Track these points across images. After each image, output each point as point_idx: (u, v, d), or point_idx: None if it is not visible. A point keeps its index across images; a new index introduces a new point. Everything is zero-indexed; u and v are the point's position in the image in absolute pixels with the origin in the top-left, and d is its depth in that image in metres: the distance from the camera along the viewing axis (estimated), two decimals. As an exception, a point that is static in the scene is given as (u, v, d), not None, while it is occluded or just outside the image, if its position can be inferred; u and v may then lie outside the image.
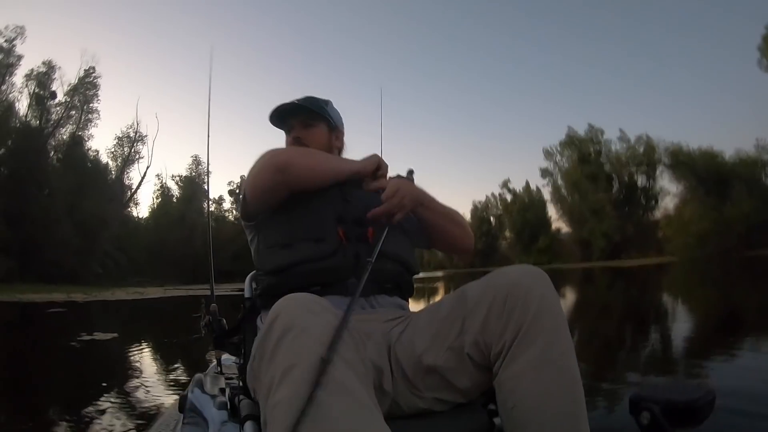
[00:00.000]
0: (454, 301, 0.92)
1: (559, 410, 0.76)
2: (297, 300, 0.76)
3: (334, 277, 1.08)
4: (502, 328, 0.81)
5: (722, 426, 1.76)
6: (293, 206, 1.17)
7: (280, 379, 0.66)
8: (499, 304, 0.82)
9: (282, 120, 1.36)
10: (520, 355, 0.79)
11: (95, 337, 6.38)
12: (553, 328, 0.80)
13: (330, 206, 1.17)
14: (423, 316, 0.98)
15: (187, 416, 1.30)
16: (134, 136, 36.24)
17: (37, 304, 13.52)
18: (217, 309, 1.55)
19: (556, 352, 0.79)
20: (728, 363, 3.23)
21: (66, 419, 2.67)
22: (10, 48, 28.86)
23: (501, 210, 59.76)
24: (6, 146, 28.30)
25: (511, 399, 0.79)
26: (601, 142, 43.09)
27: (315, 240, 1.11)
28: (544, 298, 0.81)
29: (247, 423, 0.89)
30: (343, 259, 1.08)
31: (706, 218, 30.56)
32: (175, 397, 3.12)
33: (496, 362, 0.83)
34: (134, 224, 40.83)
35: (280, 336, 0.70)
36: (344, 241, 1.11)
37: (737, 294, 8.69)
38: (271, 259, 1.14)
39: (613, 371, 3.34)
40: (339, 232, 1.12)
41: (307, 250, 1.09)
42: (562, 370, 0.78)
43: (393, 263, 1.14)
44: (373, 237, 1.14)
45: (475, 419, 0.93)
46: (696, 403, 0.89)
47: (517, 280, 0.84)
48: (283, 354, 0.68)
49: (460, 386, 0.88)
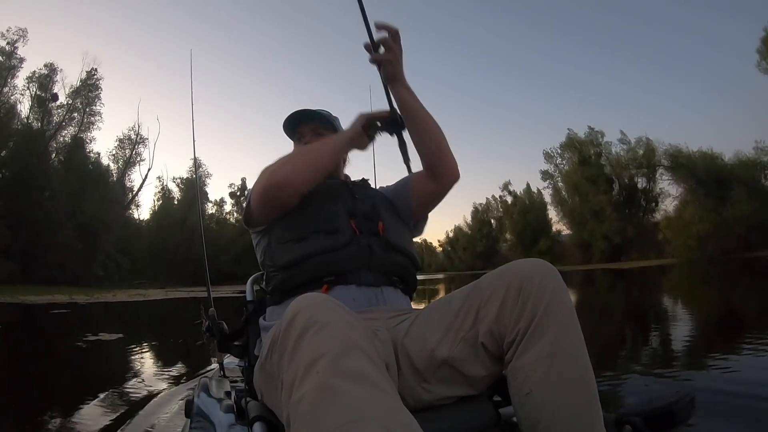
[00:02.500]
0: (468, 293, 0.94)
1: (574, 396, 0.79)
2: (315, 298, 0.78)
3: (348, 268, 1.11)
4: (516, 318, 0.84)
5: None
6: (305, 204, 1.20)
7: (303, 375, 0.66)
8: (513, 294, 0.85)
9: (293, 128, 1.42)
10: (534, 343, 0.82)
11: (101, 337, 6.43)
12: (565, 318, 0.83)
13: (340, 202, 1.22)
14: (434, 310, 0.99)
15: (194, 421, 1.31)
16: (135, 139, 36.30)
17: (40, 306, 13.52)
18: (216, 313, 1.57)
19: (568, 341, 0.82)
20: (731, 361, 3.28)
21: (83, 408, 2.79)
22: (12, 50, 28.97)
23: (502, 212, 59.69)
24: (7, 148, 28.32)
25: (526, 385, 0.81)
26: (601, 144, 42.97)
27: (329, 232, 1.15)
28: (556, 290, 0.84)
29: (256, 424, 0.89)
30: (358, 250, 1.13)
31: (706, 220, 30.50)
32: (183, 383, 3.30)
33: (509, 351, 0.86)
34: (135, 226, 40.83)
35: (302, 332, 0.70)
36: (357, 232, 1.16)
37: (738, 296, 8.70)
38: (285, 253, 1.15)
39: (613, 370, 3.36)
40: (351, 224, 1.17)
41: (322, 242, 1.13)
42: (575, 359, 0.81)
43: (401, 255, 1.20)
44: (383, 231, 1.19)
45: (482, 410, 0.96)
46: (674, 406, 0.94)
47: (530, 272, 0.86)
48: (305, 349, 0.68)
49: (472, 376, 0.91)
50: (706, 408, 2.11)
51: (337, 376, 0.63)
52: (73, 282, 24.97)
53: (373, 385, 0.64)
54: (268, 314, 1.17)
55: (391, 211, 1.30)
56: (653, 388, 2.70)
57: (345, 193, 1.27)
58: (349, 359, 0.65)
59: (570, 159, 44.75)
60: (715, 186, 32.16)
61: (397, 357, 0.94)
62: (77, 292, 19.77)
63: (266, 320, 1.16)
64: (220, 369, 1.76)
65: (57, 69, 31.09)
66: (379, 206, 1.27)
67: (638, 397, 2.30)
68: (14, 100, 29.46)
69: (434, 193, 1.30)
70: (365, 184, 1.41)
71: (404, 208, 1.32)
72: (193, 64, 2.34)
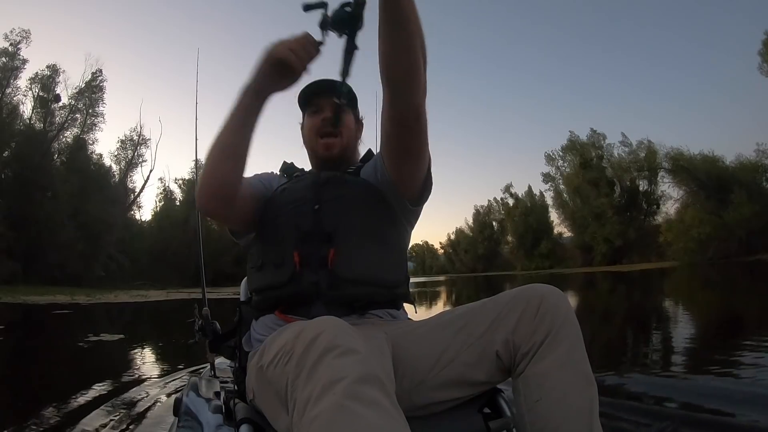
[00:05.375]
0: (483, 304, 0.99)
1: (579, 406, 0.85)
2: (336, 321, 0.78)
3: (294, 304, 1.06)
4: (534, 329, 0.89)
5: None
6: (264, 224, 1.15)
7: (320, 395, 0.65)
8: (532, 309, 0.91)
9: (307, 99, 1.26)
10: (548, 355, 0.88)
11: (102, 338, 6.49)
12: (576, 337, 0.90)
13: (294, 222, 1.10)
14: (439, 317, 1.03)
15: (182, 420, 1.31)
16: (138, 140, 36.22)
17: (42, 306, 13.57)
18: (209, 313, 1.59)
19: (577, 356, 0.88)
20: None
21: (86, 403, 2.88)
22: (15, 51, 29.05)
23: (503, 215, 59.59)
24: (10, 149, 28.35)
25: (537, 393, 0.87)
26: (602, 146, 42.97)
27: (275, 265, 1.07)
28: (569, 311, 0.92)
29: (243, 426, 0.90)
30: (298, 288, 1.04)
31: (707, 223, 30.40)
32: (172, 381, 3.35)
33: (521, 362, 0.91)
34: (137, 227, 40.78)
35: (322, 354, 0.70)
36: (298, 268, 1.04)
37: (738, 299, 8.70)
38: (250, 279, 1.16)
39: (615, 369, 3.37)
40: (295, 257, 1.05)
41: (270, 275, 1.08)
42: (582, 373, 0.87)
43: (360, 286, 1.06)
44: (333, 261, 1.04)
45: (472, 423, 0.98)
46: None
47: (548, 294, 0.93)
48: (323, 371, 0.68)
49: (472, 382, 0.96)
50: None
51: (353, 399, 0.63)
52: (75, 282, 24.96)
53: (386, 413, 0.65)
54: (258, 325, 1.13)
55: (368, 211, 1.13)
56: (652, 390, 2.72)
57: (307, 204, 1.12)
58: (367, 386, 0.66)
59: (571, 162, 44.74)
60: (716, 189, 32.06)
61: (395, 358, 0.96)
62: (79, 292, 19.80)
63: (257, 330, 1.12)
64: (211, 369, 1.77)
65: (59, 70, 31.15)
66: (348, 214, 1.11)
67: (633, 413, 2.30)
68: (17, 101, 29.47)
69: (403, 136, 1.04)
70: (344, 177, 1.19)
71: (389, 188, 1.14)
72: (194, 65, 2.34)
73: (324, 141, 1.21)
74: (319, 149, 1.23)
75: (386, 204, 1.15)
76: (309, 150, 1.28)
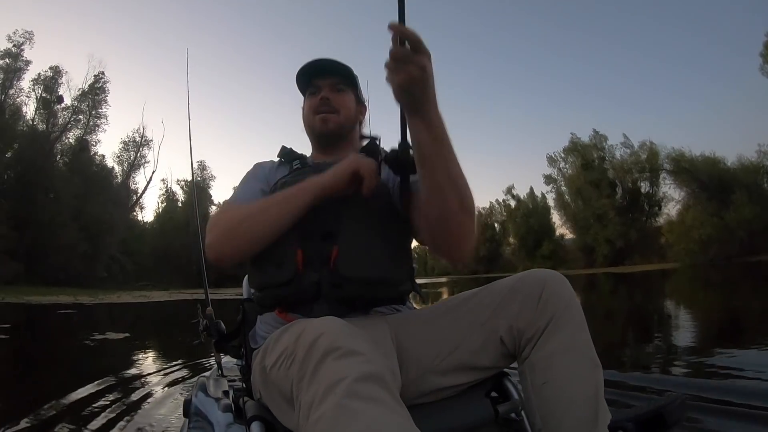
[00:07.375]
0: (483, 292, 1.00)
1: (586, 387, 0.86)
2: (336, 322, 0.78)
3: (295, 303, 1.04)
4: (538, 315, 0.90)
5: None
6: None
7: (323, 396, 0.65)
8: (534, 295, 0.92)
9: (307, 80, 1.24)
10: (552, 338, 0.89)
11: (108, 336, 6.56)
12: (579, 320, 0.91)
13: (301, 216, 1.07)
14: (442, 305, 1.05)
15: (193, 421, 1.31)
16: (140, 141, 36.52)
17: (46, 306, 13.63)
18: (213, 312, 1.58)
19: (582, 340, 0.90)
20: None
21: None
22: (18, 53, 29.17)
23: (505, 216, 59.39)
24: (13, 150, 28.46)
25: (543, 376, 0.88)
26: (604, 148, 42.87)
27: (276, 264, 1.04)
28: (572, 296, 0.93)
29: (254, 424, 0.89)
30: (299, 288, 1.01)
31: (708, 224, 30.36)
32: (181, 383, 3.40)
33: (526, 347, 0.92)
34: (139, 228, 40.89)
35: (323, 356, 0.70)
36: (300, 267, 1.01)
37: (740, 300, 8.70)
38: (251, 276, 1.13)
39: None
40: (298, 256, 1.02)
41: (270, 274, 1.05)
42: (587, 357, 0.89)
43: (364, 286, 1.02)
44: (336, 261, 1.00)
45: (480, 407, 0.99)
46: (664, 409, 1.02)
47: (550, 279, 0.94)
48: (325, 373, 0.68)
49: (478, 367, 0.97)
50: (700, 409, 2.14)
51: (353, 398, 0.63)
52: (77, 283, 25.04)
53: (386, 407, 0.65)
54: (261, 322, 1.13)
55: (371, 207, 1.06)
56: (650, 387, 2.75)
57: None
58: (367, 384, 0.66)
59: (573, 163, 44.64)
60: (718, 190, 32.00)
61: (400, 348, 0.97)
62: (81, 293, 19.87)
63: (262, 325, 1.12)
64: (218, 368, 1.77)
65: (62, 71, 31.30)
66: (351, 211, 1.06)
67: (636, 400, 2.33)
68: (20, 102, 29.70)
69: (426, 242, 1.05)
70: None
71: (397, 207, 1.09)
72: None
73: (321, 116, 1.20)
74: (316, 124, 1.21)
75: (389, 201, 1.10)
76: (308, 129, 1.26)
